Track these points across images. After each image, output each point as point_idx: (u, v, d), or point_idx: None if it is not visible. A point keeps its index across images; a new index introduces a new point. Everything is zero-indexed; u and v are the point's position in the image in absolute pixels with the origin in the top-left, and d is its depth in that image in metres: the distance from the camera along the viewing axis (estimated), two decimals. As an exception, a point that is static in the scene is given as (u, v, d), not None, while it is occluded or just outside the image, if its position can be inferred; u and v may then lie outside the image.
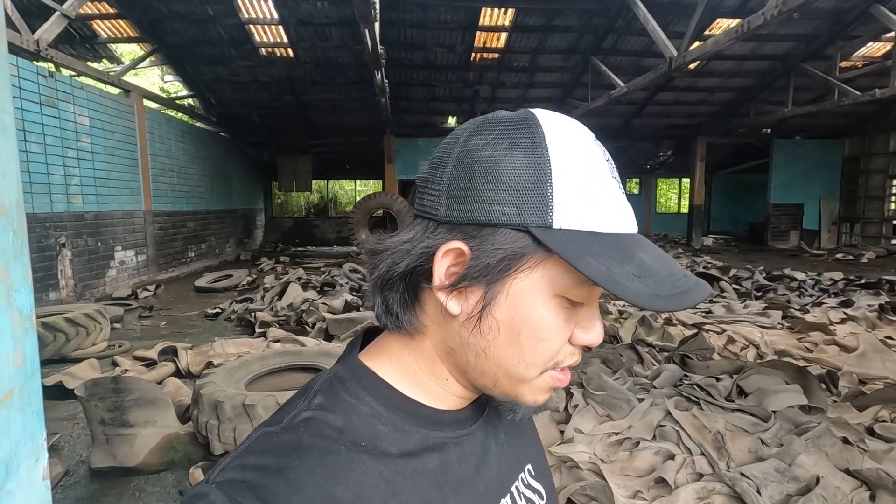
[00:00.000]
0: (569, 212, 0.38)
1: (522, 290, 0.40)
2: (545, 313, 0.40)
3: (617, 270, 0.37)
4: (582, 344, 0.43)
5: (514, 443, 0.53)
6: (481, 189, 0.39)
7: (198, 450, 2.66)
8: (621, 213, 0.41)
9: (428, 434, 0.44)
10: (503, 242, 0.39)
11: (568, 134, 0.40)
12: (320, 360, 3.30)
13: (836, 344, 4.18)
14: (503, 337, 0.41)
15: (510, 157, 0.39)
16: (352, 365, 0.46)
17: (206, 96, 10.99)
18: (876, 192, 13.08)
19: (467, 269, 0.40)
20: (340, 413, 0.41)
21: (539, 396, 0.44)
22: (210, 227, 10.87)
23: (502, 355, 0.42)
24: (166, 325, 5.62)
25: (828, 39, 9.60)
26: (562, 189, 0.38)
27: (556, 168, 0.38)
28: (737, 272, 7.92)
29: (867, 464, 2.13)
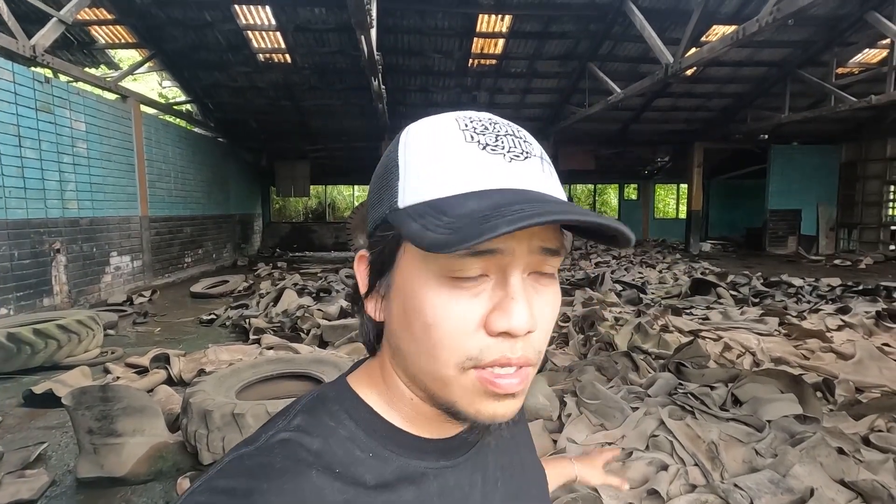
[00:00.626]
0: (410, 190, 0.39)
1: (405, 276, 0.40)
2: (426, 294, 0.38)
3: (431, 223, 0.35)
4: (495, 330, 0.37)
5: (511, 482, 0.50)
6: (371, 203, 0.44)
7: (186, 459, 2.63)
8: (478, 174, 0.38)
9: (408, 462, 0.42)
10: (378, 236, 0.42)
11: (421, 126, 0.42)
12: (313, 367, 3.27)
13: (833, 351, 4.16)
14: (404, 330, 0.40)
15: (380, 167, 0.43)
16: (338, 386, 0.46)
17: (203, 102, 11.00)
18: (873, 198, 13.10)
19: (369, 271, 0.43)
20: (318, 436, 0.41)
21: (478, 405, 0.39)
22: (207, 232, 10.85)
23: (410, 351, 0.41)
24: (161, 331, 5.59)
25: (824, 46, 9.64)
26: (407, 173, 0.40)
27: (402, 158, 0.41)
28: (734, 278, 7.91)
29: (863, 475, 2.10)
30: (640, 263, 10.64)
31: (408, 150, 0.41)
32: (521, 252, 0.38)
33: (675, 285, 7.60)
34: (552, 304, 0.41)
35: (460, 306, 0.37)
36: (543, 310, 0.40)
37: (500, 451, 0.50)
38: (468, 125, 0.40)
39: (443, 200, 0.37)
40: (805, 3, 4.69)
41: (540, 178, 0.39)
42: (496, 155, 0.39)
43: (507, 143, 0.40)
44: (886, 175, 12.79)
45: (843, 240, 13.84)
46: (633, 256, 11.67)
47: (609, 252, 12.17)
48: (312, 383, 3.18)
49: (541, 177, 0.40)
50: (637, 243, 14.57)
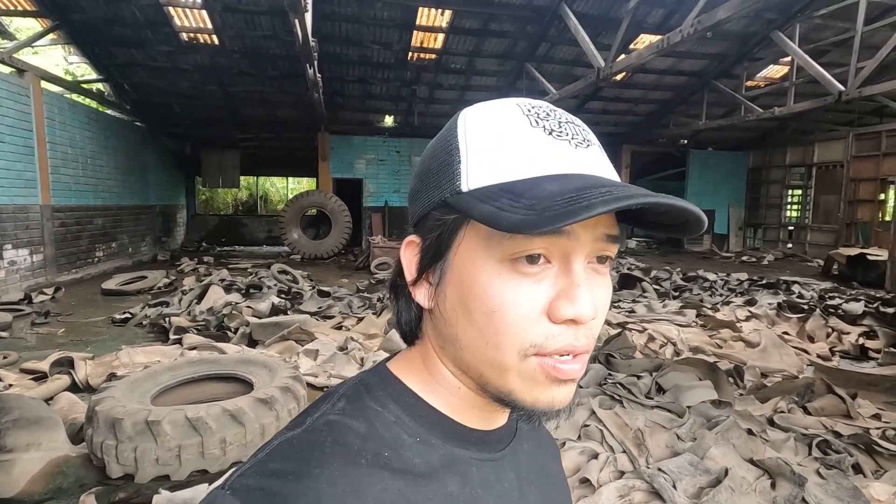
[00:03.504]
0: (475, 174, 0.38)
1: (464, 262, 0.39)
2: (489, 279, 0.38)
3: (507, 205, 0.35)
4: (561, 318, 0.37)
5: (543, 489, 0.49)
6: (419, 186, 0.43)
7: (92, 474, 2.37)
8: (545, 157, 0.38)
9: (453, 451, 0.42)
10: (433, 220, 0.40)
11: (481, 110, 0.41)
12: (240, 368, 3.08)
13: (742, 340, 4.54)
14: (461, 317, 0.39)
15: (434, 151, 0.42)
16: (379, 372, 0.45)
17: (117, 81, 10.05)
18: (775, 201, 14.48)
19: (421, 257, 0.42)
20: (364, 420, 0.40)
21: (537, 393, 0.38)
22: (122, 224, 9.97)
23: (469, 340, 0.39)
24: (65, 332, 5.05)
25: (736, 60, 10.49)
26: (468, 157, 0.39)
27: (463, 142, 0.40)
28: (657, 273, 8.43)
29: (768, 453, 2.29)
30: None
31: (469, 133, 0.40)
32: (587, 238, 0.38)
33: (604, 280, 7.96)
34: (609, 290, 0.41)
35: (525, 292, 0.37)
36: (602, 296, 0.40)
37: (531, 456, 0.50)
38: (531, 110, 0.40)
39: (516, 183, 0.37)
40: (721, 18, 5.05)
41: (604, 166, 0.40)
42: (562, 141, 0.39)
43: (570, 129, 0.40)
44: (785, 180, 14.18)
45: (750, 238, 15.19)
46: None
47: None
48: (240, 385, 2.99)
49: (605, 165, 0.40)
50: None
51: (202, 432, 2.34)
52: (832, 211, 12.60)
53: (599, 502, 1.95)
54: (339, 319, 5.16)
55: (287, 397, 2.67)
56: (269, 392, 2.63)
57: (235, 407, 2.45)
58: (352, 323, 5.03)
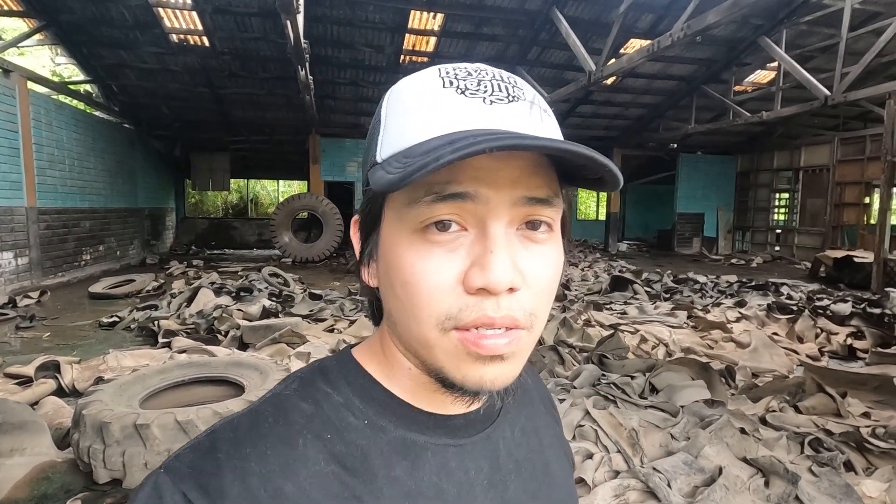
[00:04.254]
0: (387, 143, 0.37)
1: (385, 234, 0.39)
2: (404, 250, 0.36)
3: (394, 167, 0.33)
4: (473, 287, 0.34)
5: (531, 476, 0.46)
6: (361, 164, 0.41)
7: (78, 479, 2.32)
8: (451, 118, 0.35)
9: (405, 435, 0.40)
10: (365, 197, 0.40)
11: (405, 80, 0.40)
12: (231, 371, 3.04)
13: (733, 340, 4.57)
14: (388, 292, 0.39)
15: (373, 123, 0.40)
16: (339, 356, 0.45)
17: (106, 83, 9.95)
18: (763, 204, 14.67)
19: (360, 234, 0.41)
20: (312, 401, 0.40)
21: (465, 370, 0.36)
22: (110, 227, 9.84)
23: (397, 314, 0.39)
24: (51, 336, 4.96)
25: (724, 65, 10.63)
26: (385, 128, 0.38)
27: (384, 113, 0.39)
28: (648, 275, 8.48)
29: (761, 451, 2.30)
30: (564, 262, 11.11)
31: (389, 103, 0.39)
32: (502, 201, 0.35)
33: (596, 282, 8.01)
34: (547, 260, 0.38)
35: (435, 261, 0.35)
36: (534, 265, 0.36)
37: (516, 444, 0.46)
38: (450, 72, 0.38)
39: (411, 147, 0.35)
40: (710, 22, 5.12)
41: (525, 121, 0.36)
42: (474, 98, 0.36)
43: (492, 86, 0.37)
44: (773, 184, 14.37)
45: (739, 241, 15.37)
46: (557, 255, 12.17)
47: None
48: (231, 388, 2.95)
49: (527, 119, 0.36)
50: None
51: (192, 436, 2.30)
52: (819, 214, 12.79)
53: (595, 502, 1.95)
54: (331, 322, 5.12)
55: (279, 400, 2.64)
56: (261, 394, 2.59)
57: (226, 409, 2.41)
58: (344, 326, 4.99)
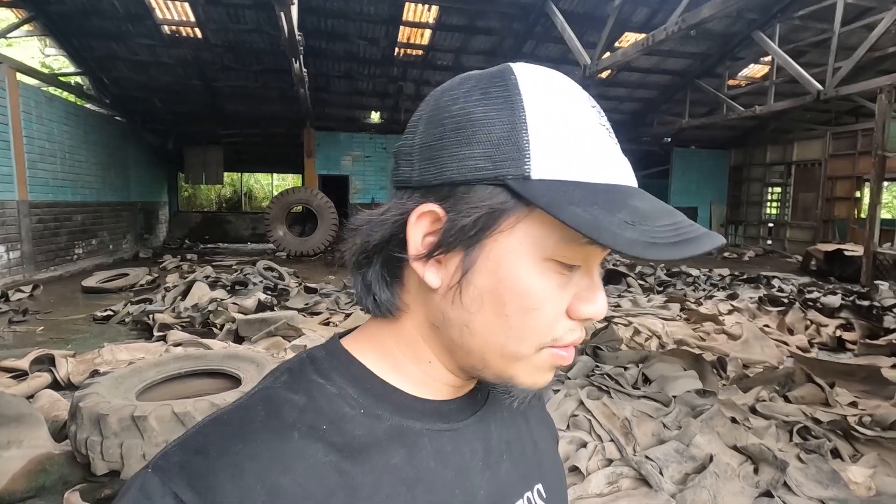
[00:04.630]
0: (549, 161, 0.34)
1: (505, 253, 0.36)
2: (532, 278, 0.36)
3: (606, 219, 0.33)
4: (582, 317, 0.38)
5: (520, 455, 0.47)
6: (452, 145, 0.36)
7: (76, 471, 2.33)
8: (613, 162, 0.37)
9: (402, 423, 0.39)
10: (479, 199, 0.35)
11: (546, 80, 0.37)
12: (227, 364, 3.04)
13: (725, 332, 4.62)
14: (488, 308, 0.37)
15: (481, 109, 0.36)
16: (329, 346, 0.43)
17: (97, 75, 9.84)
18: (755, 198, 14.78)
19: (443, 233, 0.37)
20: (304, 393, 0.39)
21: (538, 377, 0.40)
22: (102, 220, 9.77)
23: (489, 330, 0.37)
24: (44, 330, 4.94)
25: (718, 59, 10.67)
26: (540, 137, 0.35)
27: (531, 115, 0.35)
28: (641, 269, 8.54)
29: (751, 440, 2.34)
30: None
31: (535, 104, 0.35)
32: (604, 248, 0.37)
33: (590, 276, 8.04)
34: None
35: (559, 292, 0.37)
36: None
37: (505, 425, 0.47)
38: (590, 99, 0.39)
39: (594, 186, 0.35)
40: (705, 16, 5.14)
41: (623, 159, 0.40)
42: (611, 140, 0.39)
43: (600, 115, 0.39)
44: (765, 178, 14.47)
45: (731, 235, 15.48)
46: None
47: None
48: (228, 381, 2.96)
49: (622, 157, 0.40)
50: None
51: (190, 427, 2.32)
52: (810, 208, 12.91)
53: (589, 489, 1.99)
54: (327, 316, 5.13)
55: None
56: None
57: (223, 401, 2.42)
58: (339, 319, 5.01)
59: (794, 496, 1.95)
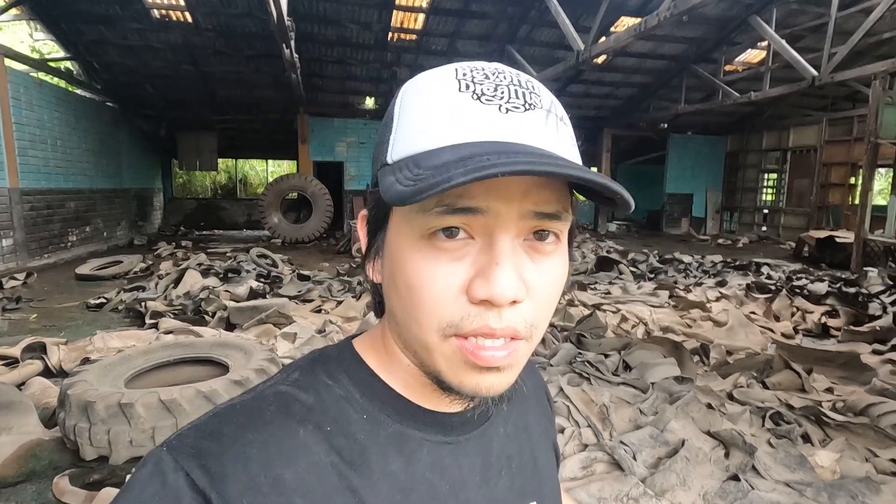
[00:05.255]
0: (398, 144, 0.37)
1: (393, 236, 0.39)
2: (410, 254, 0.36)
3: (403, 177, 0.33)
4: (476, 297, 0.34)
5: (519, 472, 0.47)
6: (372, 160, 0.42)
7: (65, 457, 2.39)
8: (465, 125, 0.35)
9: (403, 430, 0.41)
10: (371, 193, 0.40)
11: (421, 78, 0.39)
12: (217, 351, 3.09)
13: (711, 319, 4.68)
14: (392, 292, 0.39)
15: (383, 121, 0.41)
16: (341, 346, 0.45)
17: (87, 60, 9.72)
18: (751, 185, 14.78)
19: (367, 230, 0.42)
20: (313, 392, 0.40)
21: (462, 376, 0.36)
22: (96, 207, 9.75)
23: (400, 314, 0.39)
24: (38, 318, 4.98)
25: (714, 44, 10.57)
26: (397, 128, 0.38)
27: (397, 111, 0.38)
28: (634, 256, 8.59)
29: (725, 425, 2.40)
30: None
31: (403, 101, 0.39)
32: (511, 215, 0.35)
33: (582, 263, 8.10)
34: (552, 273, 0.37)
35: (441, 268, 0.35)
36: (539, 277, 0.36)
37: (507, 439, 0.47)
38: (466, 74, 0.37)
39: (423, 154, 0.34)
40: (696, 2, 5.09)
41: (540, 132, 0.35)
42: (490, 105, 0.35)
43: (508, 92, 0.36)
44: (761, 164, 14.46)
45: (727, 221, 15.52)
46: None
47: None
48: (217, 368, 3.01)
49: (542, 130, 0.36)
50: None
51: (176, 414, 2.36)
52: (805, 195, 12.93)
53: (563, 473, 2.04)
54: (319, 303, 5.18)
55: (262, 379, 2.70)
56: (245, 374, 2.65)
57: (210, 389, 2.47)
58: (331, 306, 5.05)
59: (762, 479, 2.01)
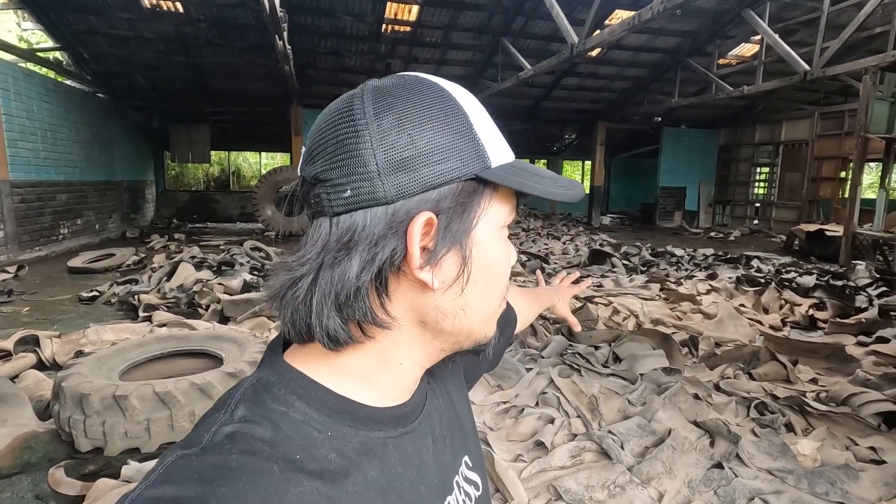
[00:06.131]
0: (493, 151, 0.42)
1: (484, 235, 0.42)
2: (501, 246, 0.44)
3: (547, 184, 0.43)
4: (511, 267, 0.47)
5: (451, 435, 0.50)
6: (422, 154, 0.38)
7: (61, 448, 2.40)
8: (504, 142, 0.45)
9: (367, 436, 0.41)
10: (461, 196, 0.40)
11: (456, 85, 0.44)
12: (210, 344, 3.11)
13: (701, 312, 4.74)
14: (480, 286, 0.42)
15: (434, 117, 0.39)
16: (277, 368, 0.42)
17: (76, 50, 9.60)
18: (743, 178, 14.87)
19: (439, 236, 0.39)
20: (268, 423, 0.37)
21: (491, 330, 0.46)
22: (87, 200, 9.67)
23: (479, 304, 0.43)
24: (30, 311, 4.96)
25: (708, 37, 10.59)
26: (481, 133, 0.41)
27: (470, 115, 0.41)
28: (627, 249, 8.65)
29: (711, 415, 2.46)
30: (546, 236, 11.25)
31: (467, 106, 0.42)
32: None
33: (576, 255, 8.16)
34: None
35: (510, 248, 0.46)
36: None
37: (441, 410, 0.50)
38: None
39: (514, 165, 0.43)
40: (690, -4, 5.10)
41: None
42: None
43: None
44: (754, 158, 14.54)
45: (719, 215, 15.62)
46: (540, 229, 12.29)
47: (519, 225, 12.71)
48: (210, 361, 3.03)
49: None
50: (545, 216, 15.32)
51: (171, 406, 2.39)
52: (797, 188, 13.03)
53: (552, 462, 2.09)
54: (312, 296, 5.18)
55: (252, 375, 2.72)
56: (239, 366, 2.68)
57: (204, 381, 2.49)
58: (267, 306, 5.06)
59: (745, 467, 2.06)
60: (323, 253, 0.39)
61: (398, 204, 0.38)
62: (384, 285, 0.40)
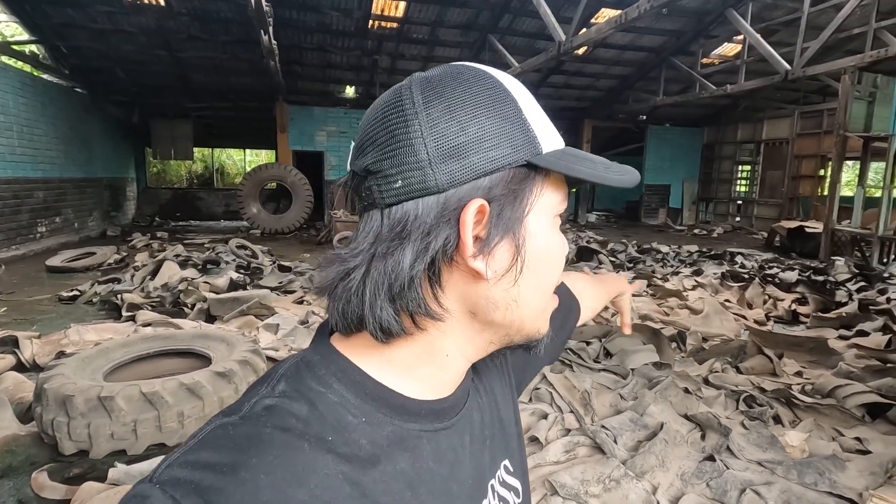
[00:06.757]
0: (544, 137, 0.41)
1: (537, 223, 0.41)
2: (555, 234, 0.43)
3: (599, 169, 0.42)
4: None
5: (492, 437, 0.49)
6: (473, 141, 0.38)
7: (43, 451, 2.34)
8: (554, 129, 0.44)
9: (402, 426, 0.40)
10: (513, 183, 0.39)
11: (504, 73, 0.43)
12: (197, 343, 3.05)
13: (688, 307, 4.81)
14: (532, 275, 0.41)
15: (484, 104, 0.39)
16: (322, 349, 0.42)
17: (54, 43, 9.33)
18: (725, 176, 15.13)
19: (492, 224, 0.38)
20: (305, 401, 0.38)
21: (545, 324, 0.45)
22: (66, 197, 9.43)
23: (532, 294, 0.41)
24: (7, 311, 4.82)
25: (692, 37, 10.72)
26: (531, 119, 0.40)
27: (519, 101, 0.41)
28: (613, 246, 8.74)
29: (701, 408, 2.49)
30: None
31: (518, 92, 0.41)
32: None
33: (563, 253, 8.19)
34: None
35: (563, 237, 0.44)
36: None
37: (483, 409, 0.49)
38: None
39: (570, 150, 0.42)
40: (676, -5, 5.15)
41: None
42: None
43: None
44: (736, 156, 14.79)
45: (702, 212, 15.87)
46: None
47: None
48: (198, 360, 2.97)
49: None
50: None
51: (158, 406, 2.34)
52: (777, 186, 13.29)
53: (547, 457, 2.09)
54: (301, 294, 5.14)
55: (246, 370, 2.68)
56: (228, 366, 2.63)
57: (192, 381, 2.44)
58: (313, 297, 5.01)
59: (735, 459, 2.10)
60: (375, 244, 0.39)
61: (450, 192, 0.38)
62: (437, 275, 0.39)
